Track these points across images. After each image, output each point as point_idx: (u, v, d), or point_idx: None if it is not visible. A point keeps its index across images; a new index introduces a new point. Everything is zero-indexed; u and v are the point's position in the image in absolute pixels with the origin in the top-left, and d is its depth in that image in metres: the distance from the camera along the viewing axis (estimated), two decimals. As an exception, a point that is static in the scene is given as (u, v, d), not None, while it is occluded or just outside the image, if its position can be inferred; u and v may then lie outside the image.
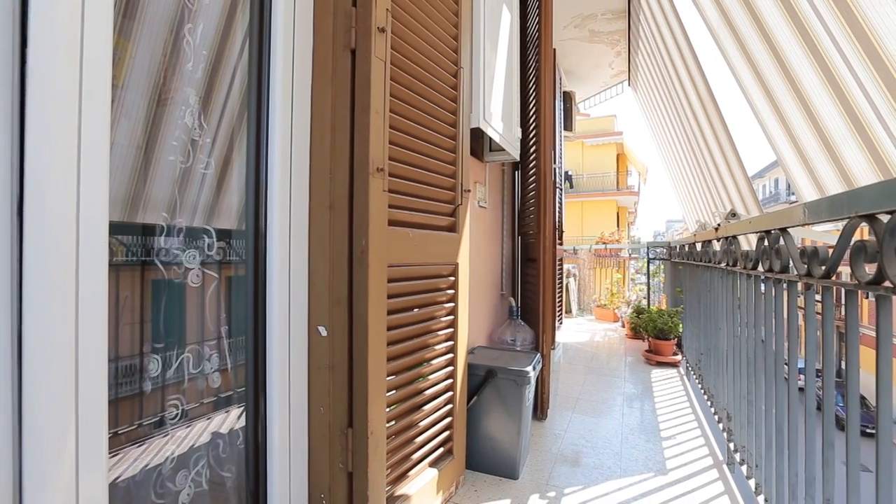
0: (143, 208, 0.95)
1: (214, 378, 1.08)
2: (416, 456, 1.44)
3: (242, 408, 1.15)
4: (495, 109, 2.11)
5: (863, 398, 10.39)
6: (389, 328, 1.29)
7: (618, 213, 20.36)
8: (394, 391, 1.33)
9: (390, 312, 1.30)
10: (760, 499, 1.48)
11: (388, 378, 1.29)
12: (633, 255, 8.77)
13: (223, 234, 1.11)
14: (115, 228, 0.88)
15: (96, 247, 0.75)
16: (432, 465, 1.54)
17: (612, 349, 4.48)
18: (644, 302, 5.91)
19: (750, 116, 3.27)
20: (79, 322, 0.72)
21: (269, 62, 1.18)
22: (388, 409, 1.29)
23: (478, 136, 2.21)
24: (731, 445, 1.88)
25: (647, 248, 6.55)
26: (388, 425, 1.29)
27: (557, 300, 4.51)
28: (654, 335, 3.93)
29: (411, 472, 1.43)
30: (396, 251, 1.32)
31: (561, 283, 5.13)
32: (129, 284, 0.93)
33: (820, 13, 1.92)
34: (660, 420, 2.53)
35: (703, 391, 2.69)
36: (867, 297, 0.85)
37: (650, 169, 20.80)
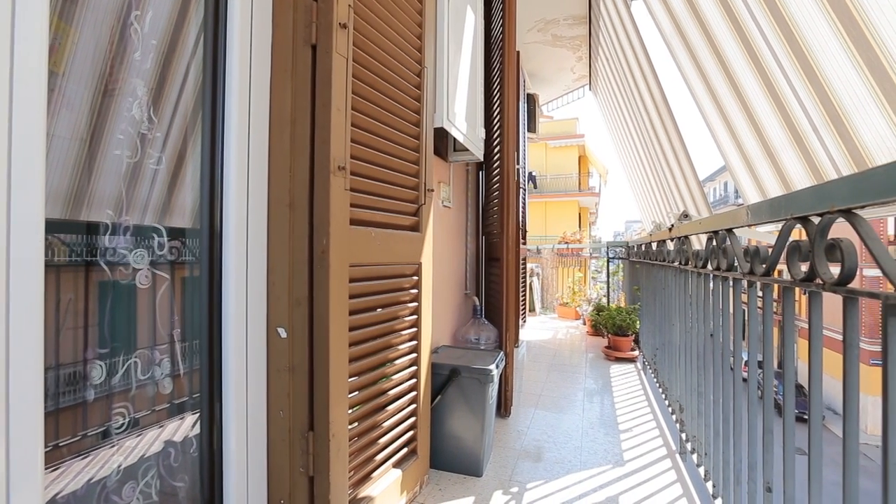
0: (87, 205, 0.89)
1: (166, 384, 1.04)
2: (379, 457, 1.43)
3: (197, 414, 1.11)
4: (459, 109, 2.12)
5: (801, 386, 11.15)
6: (352, 328, 1.28)
7: (580, 214, 20.94)
8: (356, 392, 1.32)
9: (352, 313, 1.28)
10: (709, 485, 1.56)
11: (350, 379, 1.27)
12: (593, 255, 9.04)
13: (175, 233, 1.06)
14: (56, 226, 0.83)
15: (31, 245, 0.70)
16: (396, 465, 1.54)
17: (573, 346, 4.60)
18: (604, 300, 6.10)
19: (701, 124, 3.44)
20: (9, 326, 0.67)
21: (226, 55, 1.14)
22: (350, 411, 1.27)
23: (442, 135, 2.22)
24: (683, 435, 1.98)
25: (607, 248, 6.78)
26: (350, 427, 1.27)
27: (521, 299, 4.59)
28: (613, 332, 4.06)
29: (375, 474, 1.41)
30: (358, 251, 1.30)
31: (524, 281, 5.22)
32: (73, 286, 0.88)
33: (763, 31, 2.05)
34: (618, 414, 2.62)
35: (658, 384, 2.81)
36: (805, 294, 0.92)
37: (610, 171, 21.53)
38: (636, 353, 3.93)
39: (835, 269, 0.82)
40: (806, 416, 0.88)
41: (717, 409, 1.47)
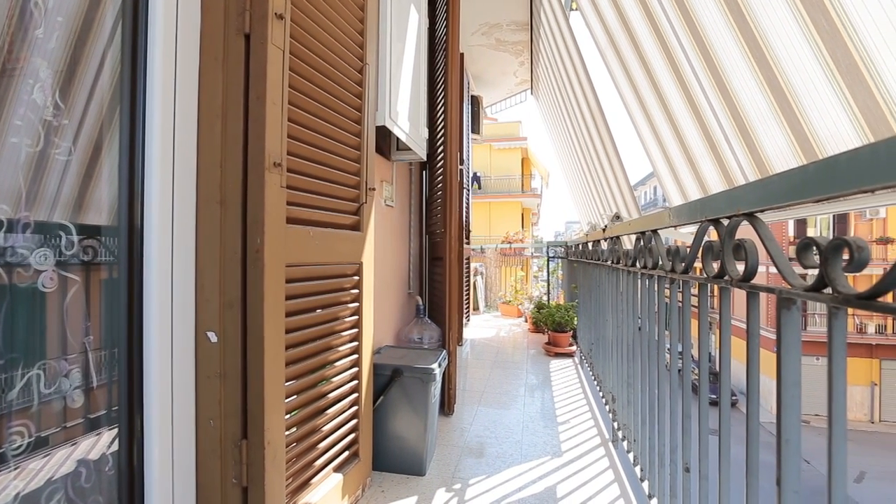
0: (-22, 199, 0.79)
1: (76, 397, 0.94)
2: (319, 462, 1.39)
3: (115, 429, 1.02)
4: (402, 108, 2.11)
5: (717, 373, 12.23)
6: (288, 331, 1.23)
7: (522, 214, 21.57)
8: (294, 396, 1.27)
9: (289, 314, 1.23)
10: (637, 469, 1.67)
11: (287, 383, 1.22)
12: (535, 254, 9.36)
13: (89, 231, 0.97)
14: (-65, 223, 0.73)
15: None
16: (337, 469, 1.50)
17: (516, 343, 4.73)
18: (545, 298, 6.33)
19: (632, 131, 3.67)
20: None
21: (147, 40, 1.05)
22: (288, 416, 1.23)
23: (384, 134, 2.19)
24: (616, 424, 2.10)
25: (548, 248, 7.06)
26: (288, 433, 1.23)
27: (465, 298, 4.65)
28: (552, 328, 4.22)
29: (314, 480, 1.37)
30: (296, 250, 1.26)
31: (468, 281, 5.30)
32: (-40, 291, 0.77)
33: (685, 49, 2.23)
34: (557, 407, 2.73)
35: (593, 377, 2.96)
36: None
37: (551, 173, 22.37)
38: (574, 348, 4.11)
39: (741, 267, 0.91)
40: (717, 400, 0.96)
41: (643, 398, 1.58)
